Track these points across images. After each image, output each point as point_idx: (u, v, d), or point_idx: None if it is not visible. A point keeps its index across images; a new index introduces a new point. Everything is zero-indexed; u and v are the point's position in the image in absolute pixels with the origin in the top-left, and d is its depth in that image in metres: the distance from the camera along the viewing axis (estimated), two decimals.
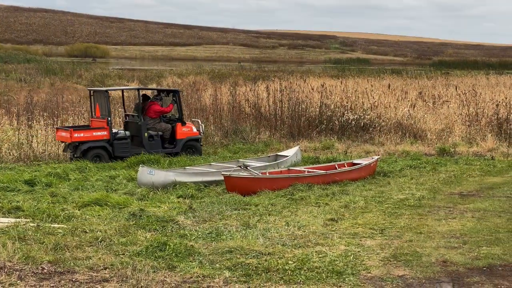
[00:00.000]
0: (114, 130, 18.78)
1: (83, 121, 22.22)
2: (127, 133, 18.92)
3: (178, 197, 13.41)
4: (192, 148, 19.51)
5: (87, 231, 10.25)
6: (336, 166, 16.55)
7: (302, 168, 16.10)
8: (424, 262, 9.00)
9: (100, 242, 9.65)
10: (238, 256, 8.96)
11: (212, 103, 26.28)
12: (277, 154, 18.27)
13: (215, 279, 8.07)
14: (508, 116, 23.28)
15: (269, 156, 18.16)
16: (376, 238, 10.31)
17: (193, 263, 8.64)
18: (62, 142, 18.78)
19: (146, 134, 18.89)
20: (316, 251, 9.35)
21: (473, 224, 11.36)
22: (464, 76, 47.41)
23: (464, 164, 18.50)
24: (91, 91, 19.75)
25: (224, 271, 8.35)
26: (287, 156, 17.64)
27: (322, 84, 29.05)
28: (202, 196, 13.71)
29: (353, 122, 23.55)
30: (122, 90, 23.01)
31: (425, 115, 24.97)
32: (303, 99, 25.43)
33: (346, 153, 20.17)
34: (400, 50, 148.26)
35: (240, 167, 15.35)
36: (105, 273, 8.23)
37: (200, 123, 20.31)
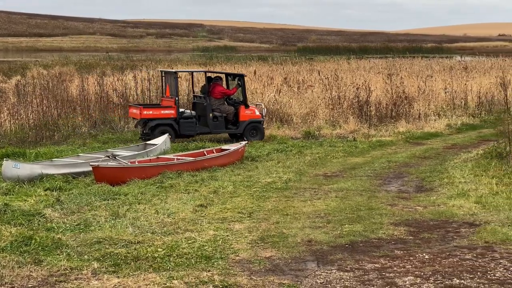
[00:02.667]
0: (181, 110, 19.96)
1: None
2: (193, 112, 20.17)
3: (46, 190, 13.08)
4: (255, 130, 20.44)
5: None
6: (205, 152, 16.69)
7: (171, 156, 16.14)
8: (290, 243, 9.31)
9: None
10: (107, 247, 8.92)
11: (79, 94, 25.75)
12: (146, 143, 18.18)
13: (83, 271, 8.01)
14: (368, 99, 24.28)
15: (138, 145, 18.05)
16: (244, 222, 10.53)
17: (61, 256, 8.52)
18: (133, 118, 20.49)
19: (210, 115, 19.93)
20: (185, 238, 9.45)
21: (336, 203, 11.82)
22: (327, 62, 48.74)
23: (328, 146, 19.15)
24: (163, 72, 21.37)
25: (93, 262, 8.30)
26: (156, 144, 17.59)
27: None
28: (70, 188, 13.46)
29: None
30: (192, 72, 23.55)
31: (291, 100, 25.56)
32: None
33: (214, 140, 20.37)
34: (266, 37, 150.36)
35: (109, 157, 15.20)
36: None
37: (263, 107, 21.44)
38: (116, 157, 15.22)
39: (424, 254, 8.78)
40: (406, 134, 21.50)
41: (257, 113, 20.64)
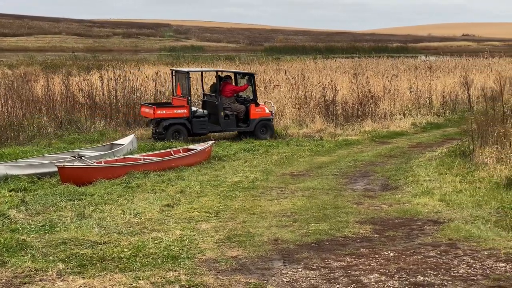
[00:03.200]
0: (193, 109, 20.19)
1: None
2: (205, 111, 20.34)
3: (10, 191, 12.95)
4: (265, 127, 20.78)
5: None
6: (172, 152, 16.68)
7: (138, 156, 16.10)
8: (257, 242, 9.34)
9: None
10: (72, 247, 8.86)
11: (44, 94, 25.50)
12: (112, 143, 18.10)
13: (48, 272, 7.95)
14: (334, 99, 24.42)
15: (104, 145, 17.96)
16: (211, 221, 10.54)
17: (25, 257, 8.44)
18: (145, 117, 20.69)
19: (222, 113, 20.25)
20: (152, 238, 9.44)
21: (303, 202, 11.89)
22: (294, 61, 48.89)
23: (295, 145, 19.24)
24: (173, 71, 21.66)
25: (58, 263, 8.24)
26: (123, 144, 17.53)
27: (156, 72, 29.02)
28: (35, 188, 13.35)
29: None
30: (202, 72, 23.75)
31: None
32: (137, 87, 25.33)
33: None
34: (233, 37, 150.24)
35: (75, 157, 15.11)
36: None
37: (272, 105, 21.75)
38: (82, 157, 15.14)
39: (389, 252, 8.88)
40: (372, 133, 21.69)
41: (267, 111, 21.05)
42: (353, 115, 24.48)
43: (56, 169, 13.97)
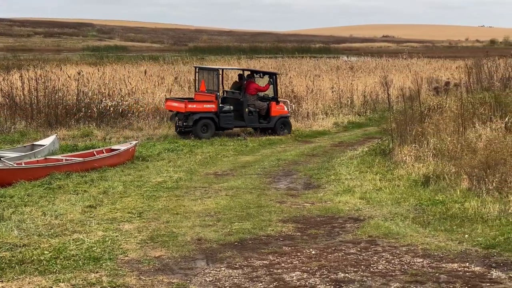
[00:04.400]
0: (220, 104, 21.01)
1: None
2: (231, 107, 21.02)
3: None
4: (284, 124, 21.85)
5: None
6: (95, 152, 16.48)
7: (59, 157, 15.84)
8: (180, 242, 9.34)
9: None
10: None
11: None
12: (33, 144, 17.75)
13: None
14: None
15: (25, 146, 17.59)
16: (134, 222, 10.49)
17: None
18: (170, 111, 21.62)
19: (246, 110, 21.19)
20: (73, 239, 9.32)
21: (226, 202, 11.95)
22: (218, 61, 48.86)
23: (219, 145, 19.29)
24: (197, 68, 22.65)
25: None
26: (44, 145, 17.23)
27: (78, 72, 28.55)
28: None
29: (112, 109, 23.52)
30: (222, 70, 23.87)
31: None
32: (60, 87, 24.90)
33: (105, 140, 20.13)
34: (157, 37, 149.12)
35: None
36: None
37: (288, 103, 22.92)
38: (1, 158, 14.80)
39: (311, 250, 9.01)
40: (295, 133, 21.94)
41: (286, 109, 22.08)
42: None
43: None
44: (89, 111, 23.44)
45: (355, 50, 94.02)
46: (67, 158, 15.69)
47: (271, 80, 22.10)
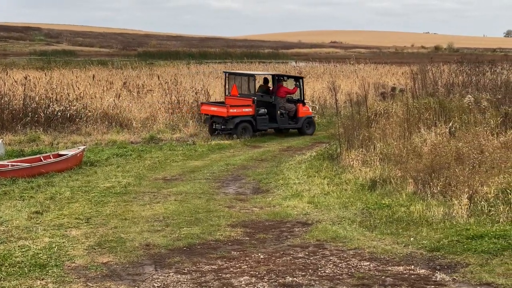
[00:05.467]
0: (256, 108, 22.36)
1: None
2: (266, 110, 22.44)
3: None
4: (309, 124, 23.65)
5: None
6: (42, 158, 16.27)
7: (5, 162, 15.59)
8: (128, 247, 9.30)
9: None
10: None
11: None
12: None
13: None
14: None
15: None
16: (81, 228, 10.39)
17: None
18: (205, 114, 22.71)
19: (278, 112, 22.67)
20: (19, 246, 9.20)
21: (175, 207, 11.93)
22: (167, 66, 48.81)
23: (168, 150, 19.24)
24: (227, 73, 24.13)
25: None
26: None
27: (25, 77, 28.14)
28: None
29: (59, 114, 23.24)
30: (255, 75, 24.39)
31: (130, 104, 25.42)
32: (6, 92, 24.49)
33: (52, 145, 19.91)
34: (106, 42, 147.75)
35: None
36: None
37: (311, 104, 25.00)
38: None
39: (259, 254, 9.06)
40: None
41: (310, 110, 23.98)
42: None
43: None
44: (36, 116, 23.11)
45: (303, 55, 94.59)
46: (13, 163, 15.46)
47: (298, 83, 23.78)
